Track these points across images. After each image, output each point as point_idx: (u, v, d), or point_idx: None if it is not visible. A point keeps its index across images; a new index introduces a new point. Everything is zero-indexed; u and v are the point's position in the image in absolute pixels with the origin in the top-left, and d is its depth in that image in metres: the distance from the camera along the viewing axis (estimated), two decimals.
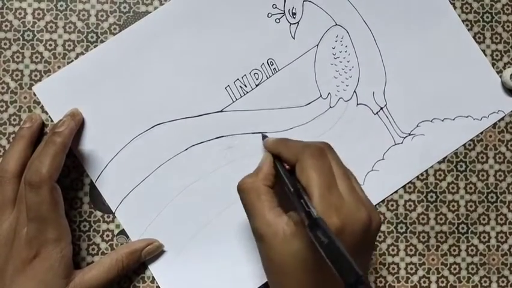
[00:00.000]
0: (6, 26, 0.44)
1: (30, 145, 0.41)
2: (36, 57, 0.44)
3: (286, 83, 0.45)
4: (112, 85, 0.43)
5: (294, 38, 0.45)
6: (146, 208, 0.43)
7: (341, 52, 0.45)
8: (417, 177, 0.45)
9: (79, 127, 0.42)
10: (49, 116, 0.43)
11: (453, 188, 0.46)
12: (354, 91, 0.45)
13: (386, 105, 0.45)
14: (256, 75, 0.45)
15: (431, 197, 0.45)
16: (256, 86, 0.45)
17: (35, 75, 0.44)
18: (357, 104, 0.45)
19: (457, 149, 0.46)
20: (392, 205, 0.45)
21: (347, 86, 0.45)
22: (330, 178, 0.34)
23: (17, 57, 0.44)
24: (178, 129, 0.44)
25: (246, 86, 0.45)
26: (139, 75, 0.44)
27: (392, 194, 0.45)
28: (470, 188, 0.46)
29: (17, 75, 0.44)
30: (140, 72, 0.44)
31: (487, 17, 0.47)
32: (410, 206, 0.45)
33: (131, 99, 0.44)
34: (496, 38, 0.47)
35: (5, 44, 0.44)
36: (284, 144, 0.39)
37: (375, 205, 0.45)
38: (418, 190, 0.45)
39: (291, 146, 0.38)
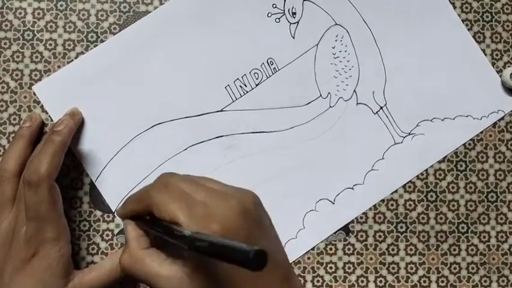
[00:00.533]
0: (6, 25, 0.44)
1: (30, 144, 0.41)
2: (36, 57, 0.44)
3: (286, 82, 0.45)
4: (112, 85, 0.43)
5: (294, 38, 0.45)
6: None
7: (340, 52, 0.45)
8: (417, 176, 0.45)
9: (78, 126, 0.42)
10: (49, 116, 0.43)
11: (453, 187, 0.46)
12: (354, 90, 0.45)
13: (385, 104, 0.45)
14: (256, 74, 0.45)
15: (431, 196, 0.45)
16: (256, 85, 0.45)
17: (35, 75, 0.44)
18: (357, 104, 0.45)
19: (456, 149, 0.46)
20: (392, 205, 0.45)
21: (346, 85, 0.45)
22: (186, 197, 0.33)
23: (17, 56, 0.44)
24: (177, 128, 0.44)
25: (246, 86, 0.45)
26: (138, 74, 0.44)
27: (392, 194, 0.45)
28: (470, 187, 0.46)
29: (17, 75, 0.44)
30: (140, 71, 0.44)
31: (487, 17, 0.47)
32: (410, 205, 0.45)
33: (131, 98, 0.44)
34: (496, 38, 0.47)
35: (5, 43, 0.44)
36: (130, 201, 0.38)
37: (374, 205, 0.45)
38: (418, 190, 0.45)
39: (137, 199, 0.37)
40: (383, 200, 0.45)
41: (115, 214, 0.43)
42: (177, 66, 0.44)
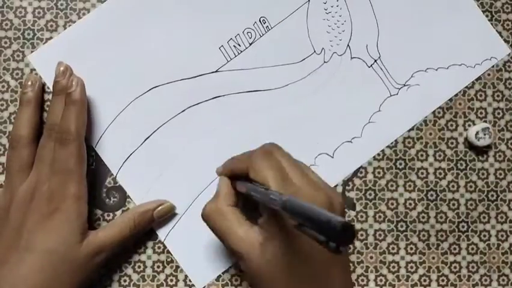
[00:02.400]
0: (6, 24, 0.44)
1: (38, 108, 0.42)
2: None
3: (279, 40, 0.45)
4: (107, 50, 0.44)
5: None
6: (148, 170, 0.44)
7: (332, 7, 0.46)
8: (418, 175, 0.45)
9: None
10: (47, 86, 0.43)
11: (453, 186, 0.46)
12: (348, 45, 0.46)
13: (379, 57, 0.46)
14: (249, 34, 0.45)
15: (432, 195, 0.45)
16: (250, 44, 0.45)
17: (35, 74, 0.44)
18: (351, 58, 0.46)
19: (457, 147, 0.46)
20: (392, 203, 0.45)
21: (340, 40, 0.46)
22: (282, 172, 0.36)
23: (17, 55, 0.44)
24: (174, 91, 0.44)
25: (239, 45, 0.45)
26: (133, 39, 0.44)
27: (392, 193, 0.45)
28: (471, 186, 0.46)
29: (17, 74, 0.44)
30: (134, 36, 0.44)
31: (487, 16, 0.47)
32: (410, 204, 0.45)
33: (127, 63, 0.44)
34: None
35: (6, 42, 0.44)
36: (232, 161, 0.40)
37: (374, 204, 0.45)
38: (418, 189, 0.45)
39: (239, 159, 0.40)
40: (383, 199, 0.45)
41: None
42: (170, 29, 0.44)
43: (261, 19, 0.45)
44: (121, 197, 0.44)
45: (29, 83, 0.42)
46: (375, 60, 0.46)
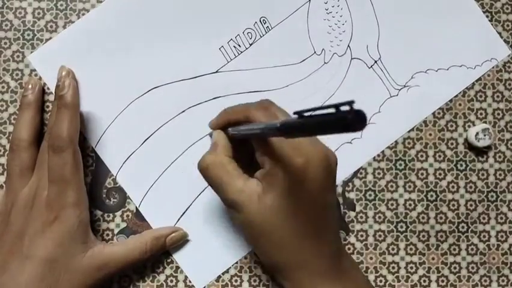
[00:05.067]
0: (6, 25, 0.44)
1: (38, 111, 0.42)
2: None
3: (280, 41, 0.45)
4: (107, 50, 0.44)
5: None
6: (148, 171, 0.44)
7: (333, 7, 0.46)
8: (417, 176, 0.45)
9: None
10: (47, 87, 0.43)
11: (453, 187, 0.46)
12: (348, 45, 0.46)
13: (380, 58, 0.46)
14: (249, 34, 0.45)
15: (431, 196, 0.45)
16: (250, 45, 0.45)
17: (35, 75, 0.44)
18: (352, 59, 0.46)
19: (457, 148, 0.46)
20: (392, 204, 0.45)
21: (340, 40, 0.46)
22: None
23: (17, 56, 0.44)
24: (174, 92, 0.44)
25: (240, 46, 0.45)
26: (133, 40, 0.44)
27: (392, 193, 0.45)
28: (470, 187, 0.46)
29: (17, 75, 0.44)
30: (134, 36, 0.44)
31: (487, 16, 0.47)
32: (410, 205, 0.45)
33: (126, 64, 0.44)
34: None
35: (5, 43, 0.44)
36: (227, 112, 0.40)
37: (374, 204, 0.45)
38: (418, 189, 0.45)
39: (235, 111, 0.39)
40: (383, 200, 0.45)
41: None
42: (171, 30, 0.44)
43: (262, 19, 0.45)
44: (121, 198, 0.44)
45: (29, 86, 0.42)
46: (376, 61, 0.46)
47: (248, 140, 0.38)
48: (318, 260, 0.36)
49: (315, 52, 0.45)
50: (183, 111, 0.44)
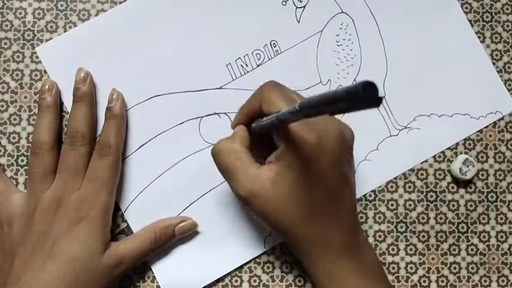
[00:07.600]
0: (6, 25, 0.44)
1: (57, 112, 0.42)
2: (37, 57, 0.44)
3: (287, 65, 0.45)
4: (113, 53, 0.44)
5: (299, 22, 0.45)
6: (138, 178, 0.43)
7: (344, 40, 0.45)
8: (417, 176, 0.45)
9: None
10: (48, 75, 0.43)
11: (453, 187, 0.46)
12: (354, 79, 0.45)
13: (384, 96, 0.46)
14: (258, 55, 0.45)
15: (431, 196, 0.45)
16: (257, 66, 0.45)
17: (35, 75, 0.44)
18: None
19: (456, 147, 0.46)
20: (392, 204, 0.45)
21: (347, 74, 0.45)
22: (292, 100, 0.36)
23: (17, 56, 0.44)
24: (175, 102, 0.44)
25: (247, 66, 0.45)
26: (141, 45, 0.44)
27: (392, 194, 0.45)
28: (470, 187, 0.46)
29: (17, 75, 0.44)
30: (143, 42, 0.44)
31: (487, 17, 0.47)
32: (410, 205, 0.45)
33: (132, 69, 0.44)
34: (496, 38, 0.47)
35: (5, 43, 0.44)
36: (242, 107, 0.40)
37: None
38: (418, 189, 0.45)
39: (249, 100, 0.39)
40: (382, 200, 0.45)
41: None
42: (180, 40, 0.44)
43: (272, 42, 0.45)
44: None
45: (46, 87, 0.42)
46: None
47: (269, 137, 0.38)
48: (335, 236, 0.37)
49: (320, 81, 0.45)
50: (181, 122, 0.44)
